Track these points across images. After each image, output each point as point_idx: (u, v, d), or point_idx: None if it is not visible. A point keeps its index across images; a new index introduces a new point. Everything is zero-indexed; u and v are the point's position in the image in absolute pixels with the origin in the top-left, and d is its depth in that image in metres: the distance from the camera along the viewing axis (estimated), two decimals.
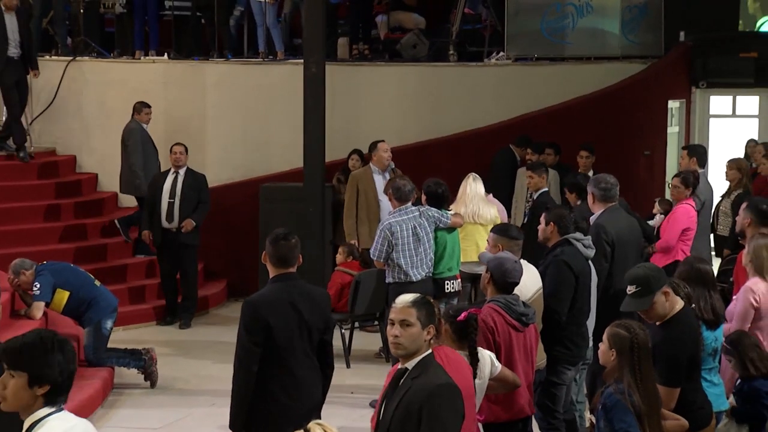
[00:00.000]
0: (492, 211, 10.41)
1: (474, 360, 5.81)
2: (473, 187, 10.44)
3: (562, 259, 7.36)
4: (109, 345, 10.16)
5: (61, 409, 4.22)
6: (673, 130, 15.85)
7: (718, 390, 6.50)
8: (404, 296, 5.11)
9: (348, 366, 10.79)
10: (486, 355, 6.09)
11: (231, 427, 6.32)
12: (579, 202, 9.47)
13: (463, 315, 5.73)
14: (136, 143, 12.95)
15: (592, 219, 8.21)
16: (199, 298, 12.95)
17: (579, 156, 12.67)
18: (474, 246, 10.15)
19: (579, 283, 7.38)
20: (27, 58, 13.03)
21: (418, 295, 5.14)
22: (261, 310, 6.17)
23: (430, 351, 4.91)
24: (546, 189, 11.32)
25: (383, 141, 11.94)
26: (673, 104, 15.79)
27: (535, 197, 11.31)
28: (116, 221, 13.19)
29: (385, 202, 11.32)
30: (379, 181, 11.60)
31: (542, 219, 7.68)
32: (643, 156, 15.05)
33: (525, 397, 6.60)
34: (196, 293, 12.76)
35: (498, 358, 6.27)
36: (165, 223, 12.45)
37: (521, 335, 6.50)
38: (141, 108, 13.05)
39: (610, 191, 8.22)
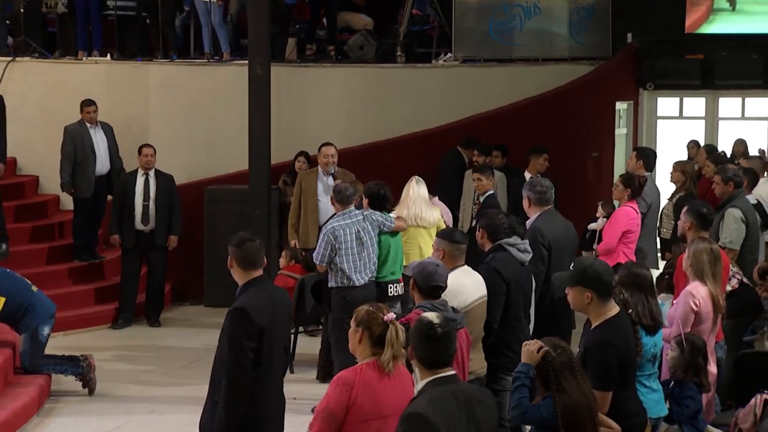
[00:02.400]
0: (435, 214, 10.31)
1: (408, 370, 5.71)
2: (416, 189, 10.28)
3: (492, 266, 7.29)
4: (50, 351, 9.95)
5: None
6: (621, 131, 15.89)
7: (657, 396, 6.45)
8: None
9: (291, 371, 10.65)
10: None
11: None
12: None
13: None
14: (66, 144, 12.59)
15: (529, 223, 8.15)
16: (142, 302, 12.83)
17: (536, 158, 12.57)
18: (417, 249, 10.05)
19: (511, 290, 7.30)
20: None
21: None
22: (256, 315, 6.06)
23: (436, 376, 4.83)
24: (492, 191, 11.24)
25: (328, 144, 11.78)
26: (621, 106, 15.83)
27: (481, 200, 11.22)
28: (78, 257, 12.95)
29: (324, 203, 11.25)
30: (321, 184, 11.49)
31: (477, 225, 7.63)
32: (591, 157, 15.06)
33: None
34: (164, 292, 12.86)
35: None
36: (140, 225, 12.36)
37: None
38: (82, 106, 12.74)
39: (546, 194, 8.16)
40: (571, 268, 6.06)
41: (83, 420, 9.39)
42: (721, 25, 16.00)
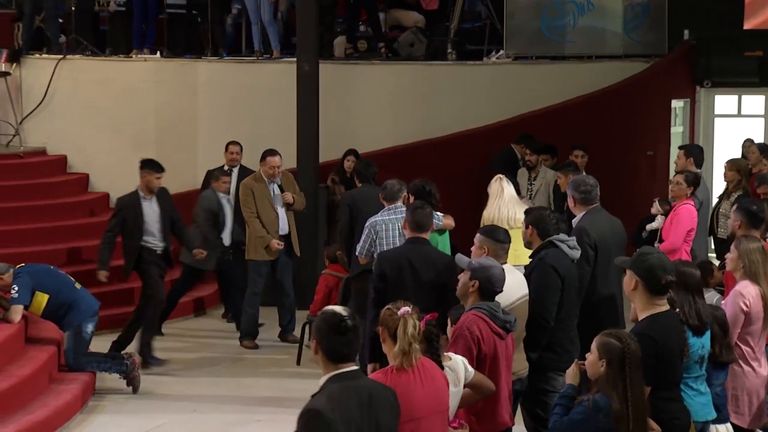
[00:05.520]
0: None
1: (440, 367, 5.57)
2: (508, 189, 9.92)
3: (548, 263, 7.10)
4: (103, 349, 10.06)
5: None
6: (677, 129, 15.62)
7: (705, 399, 6.22)
8: None
9: None
10: (459, 360, 5.86)
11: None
12: None
13: (421, 323, 5.47)
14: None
15: (574, 222, 7.94)
16: (192, 300, 12.86)
17: (574, 156, 12.39)
18: (512, 251, 9.54)
19: (565, 287, 7.11)
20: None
21: None
22: (382, 263, 7.61)
23: (339, 371, 4.68)
24: None
25: (274, 154, 11.26)
26: (677, 103, 15.56)
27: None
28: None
29: (281, 213, 11.29)
30: (272, 192, 11.31)
31: (523, 222, 7.45)
32: (646, 156, 14.81)
33: (507, 408, 6.38)
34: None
35: (483, 368, 6.06)
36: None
37: (503, 343, 6.30)
38: (219, 176, 11.82)
39: (591, 193, 7.94)
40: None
41: (126, 418, 9.35)
42: None
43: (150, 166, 10.81)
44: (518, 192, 10.13)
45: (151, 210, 10.70)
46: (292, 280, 11.52)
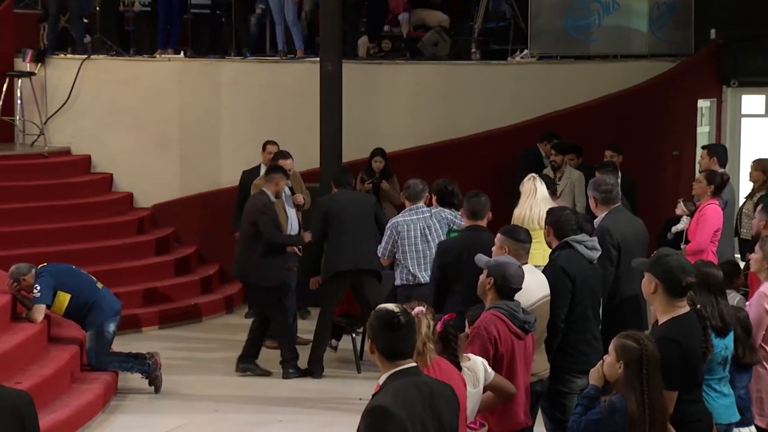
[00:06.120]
0: None
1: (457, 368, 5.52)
2: (541, 189, 9.79)
3: (558, 264, 7.05)
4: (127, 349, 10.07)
5: None
6: (704, 129, 15.49)
7: (728, 401, 6.15)
8: None
9: (359, 371, 10.57)
10: (478, 362, 5.81)
11: None
12: None
13: (439, 324, 5.43)
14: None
15: (596, 222, 7.88)
16: (224, 297, 13.12)
17: (605, 156, 12.32)
18: (541, 251, 9.49)
19: (577, 288, 7.03)
20: None
21: None
22: (440, 252, 7.81)
23: (398, 369, 4.59)
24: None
25: (286, 157, 11.17)
26: (703, 103, 15.43)
27: None
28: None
29: (290, 213, 11.19)
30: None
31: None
32: (672, 156, 14.70)
33: (524, 408, 6.32)
34: None
35: (500, 368, 6.00)
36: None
37: (522, 343, 6.25)
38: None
39: (611, 193, 7.90)
40: None
41: (147, 417, 9.37)
42: None
43: (283, 171, 10.67)
44: (552, 191, 10.01)
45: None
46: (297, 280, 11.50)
